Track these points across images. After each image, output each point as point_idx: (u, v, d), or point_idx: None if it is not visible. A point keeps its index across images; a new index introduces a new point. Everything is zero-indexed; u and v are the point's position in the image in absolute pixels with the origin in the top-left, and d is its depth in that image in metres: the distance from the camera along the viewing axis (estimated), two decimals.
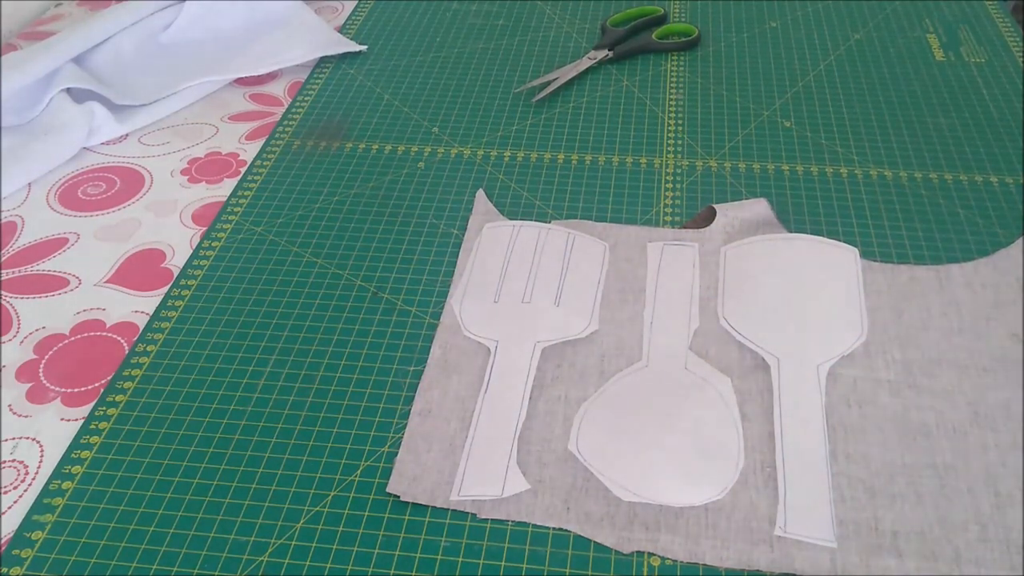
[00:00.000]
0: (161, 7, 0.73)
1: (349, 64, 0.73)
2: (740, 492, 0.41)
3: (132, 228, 0.57)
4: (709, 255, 0.52)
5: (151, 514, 0.41)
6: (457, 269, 0.53)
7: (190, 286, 0.52)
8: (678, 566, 0.38)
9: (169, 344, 0.49)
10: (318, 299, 0.51)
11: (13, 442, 0.44)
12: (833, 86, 0.69)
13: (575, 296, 0.50)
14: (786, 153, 0.62)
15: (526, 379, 0.46)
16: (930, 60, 0.72)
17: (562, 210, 0.57)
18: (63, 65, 0.65)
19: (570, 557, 0.39)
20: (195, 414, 0.45)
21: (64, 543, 0.40)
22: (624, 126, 0.65)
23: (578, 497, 0.41)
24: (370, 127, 0.66)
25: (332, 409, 0.45)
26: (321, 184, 0.60)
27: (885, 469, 0.42)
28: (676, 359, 0.47)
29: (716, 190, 0.58)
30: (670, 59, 0.73)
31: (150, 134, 0.66)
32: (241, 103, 0.70)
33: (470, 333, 0.48)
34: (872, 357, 0.46)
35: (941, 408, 0.44)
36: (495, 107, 0.68)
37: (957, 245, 0.54)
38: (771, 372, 0.46)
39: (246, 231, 0.56)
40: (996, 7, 0.79)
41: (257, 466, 0.43)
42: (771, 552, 0.39)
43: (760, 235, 0.53)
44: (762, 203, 0.55)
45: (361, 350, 0.48)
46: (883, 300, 0.49)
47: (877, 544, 0.39)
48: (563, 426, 0.44)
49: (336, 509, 0.41)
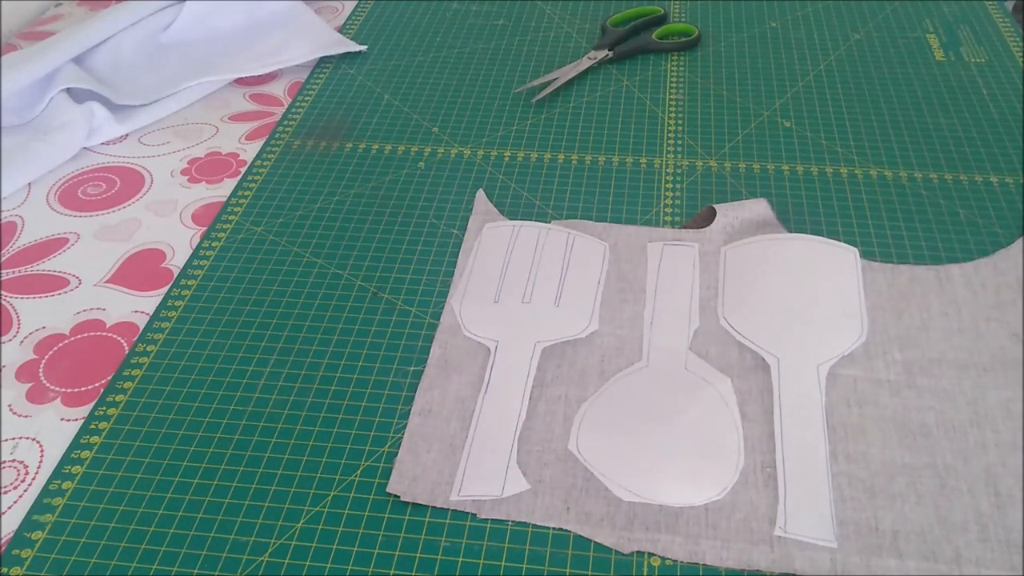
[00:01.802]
0: (161, 7, 0.73)
1: (349, 64, 0.73)
2: (740, 492, 0.41)
3: (132, 228, 0.57)
4: (709, 255, 0.52)
5: (151, 514, 0.41)
6: (457, 269, 0.53)
7: (190, 286, 0.52)
8: (678, 566, 0.38)
9: (169, 344, 0.49)
10: (318, 299, 0.51)
11: (13, 442, 0.44)
12: (833, 86, 0.69)
13: (575, 296, 0.50)
14: (786, 153, 0.62)
15: (526, 379, 0.46)
16: (930, 60, 0.72)
17: (562, 210, 0.57)
18: (63, 65, 0.65)
19: (570, 557, 0.39)
20: (195, 414, 0.45)
21: (64, 543, 0.40)
22: (624, 126, 0.65)
23: (578, 497, 0.41)
24: (370, 127, 0.66)
25: (332, 409, 0.45)
26: (321, 184, 0.60)
27: (885, 469, 0.42)
28: (676, 359, 0.47)
29: (716, 190, 0.58)
30: (670, 59, 0.73)
31: (150, 134, 0.66)
32: (241, 103, 0.70)
33: (470, 333, 0.48)
34: (872, 357, 0.46)
35: (941, 408, 0.44)
36: (495, 107, 0.68)
37: (957, 245, 0.54)
38: (771, 372, 0.46)
39: (246, 231, 0.56)
40: (996, 7, 0.79)
41: (257, 466, 0.43)
42: (771, 552, 0.39)
43: (760, 235, 0.53)
44: (762, 203, 0.55)
45: (361, 350, 0.48)
46: (883, 300, 0.49)
47: (877, 544, 0.39)
48: (563, 426, 0.44)
49: (336, 509, 0.41)
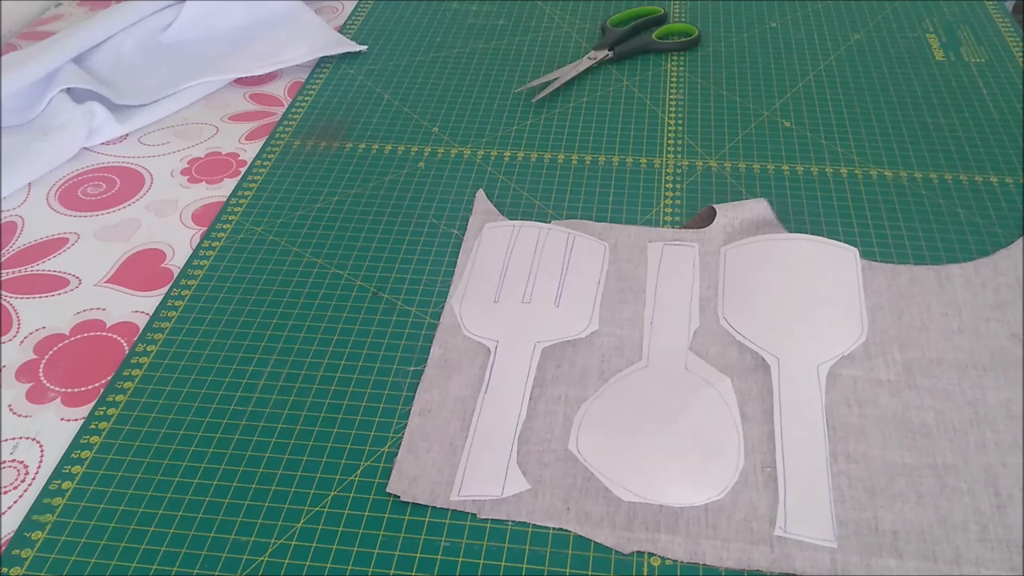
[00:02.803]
0: (161, 7, 0.73)
1: (349, 64, 0.73)
2: (740, 492, 0.41)
3: (132, 228, 0.57)
4: (709, 255, 0.52)
5: (151, 514, 0.41)
6: (457, 269, 0.52)
7: (190, 286, 0.52)
8: (678, 567, 0.38)
9: (169, 344, 0.49)
10: (318, 299, 0.51)
11: (13, 442, 0.44)
12: (833, 86, 0.69)
13: (575, 296, 0.50)
14: (786, 153, 0.62)
15: (526, 379, 0.46)
16: (930, 60, 0.72)
17: (562, 210, 0.57)
18: (63, 65, 0.65)
19: (570, 557, 0.39)
20: (195, 414, 0.45)
21: (64, 543, 0.40)
22: (624, 126, 0.65)
23: (578, 497, 0.41)
24: (370, 127, 0.66)
25: (332, 409, 0.45)
26: (321, 184, 0.60)
27: (885, 469, 0.42)
28: (676, 359, 0.47)
29: (716, 190, 0.58)
30: (670, 59, 0.73)
31: (150, 134, 0.66)
32: (241, 103, 0.70)
33: (470, 333, 0.48)
34: (872, 357, 0.46)
35: (941, 408, 0.44)
36: (495, 107, 0.68)
37: (957, 245, 0.54)
38: (771, 372, 0.46)
39: (246, 231, 0.56)
40: (996, 7, 0.79)
41: (257, 466, 0.43)
42: (771, 552, 0.39)
43: (760, 235, 0.53)
44: (762, 203, 0.55)
45: (361, 350, 0.48)
46: (883, 300, 0.49)
47: (877, 544, 0.39)
48: (563, 426, 0.44)
49: (336, 509, 0.41)
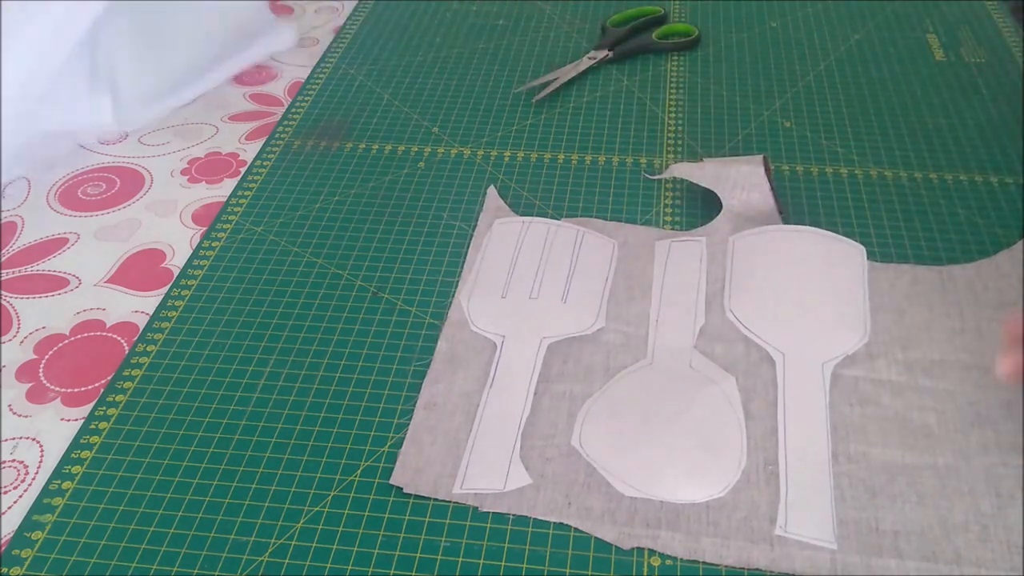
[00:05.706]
0: None
1: (349, 64, 0.73)
2: (741, 490, 0.41)
3: (132, 228, 0.57)
4: (717, 245, 0.52)
5: (151, 514, 0.41)
6: (466, 265, 0.52)
7: (190, 286, 0.52)
8: (678, 567, 0.38)
9: (169, 344, 0.49)
10: (318, 299, 0.51)
11: (13, 442, 0.44)
12: (833, 86, 0.69)
13: (582, 293, 0.50)
14: (786, 153, 0.62)
15: (531, 374, 0.46)
16: (930, 60, 0.72)
17: (562, 210, 0.57)
18: (63, 63, 0.65)
19: (570, 557, 0.39)
20: (195, 414, 0.45)
21: (64, 543, 0.40)
22: (624, 126, 0.65)
23: (579, 492, 0.41)
24: (370, 127, 0.66)
25: (332, 409, 0.45)
26: (321, 184, 0.60)
27: (886, 469, 0.42)
28: (681, 357, 0.47)
29: None
30: (670, 59, 0.73)
31: (150, 134, 0.66)
32: (241, 103, 0.70)
33: (477, 328, 0.48)
34: (874, 358, 0.46)
35: (942, 408, 0.44)
36: (495, 107, 0.67)
37: (957, 245, 0.54)
38: (776, 368, 0.46)
39: (246, 231, 0.56)
40: (996, 7, 0.79)
41: (257, 466, 0.42)
42: (771, 551, 0.38)
43: (768, 225, 0.53)
44: (757, 160, 0.55)
45: (361, 350, 0.48)
46: (885, 301, 0.49)
47: (877, 544, 0.39)
48: (567, 422, 0.44)
49: (336, 509, 0.41)
